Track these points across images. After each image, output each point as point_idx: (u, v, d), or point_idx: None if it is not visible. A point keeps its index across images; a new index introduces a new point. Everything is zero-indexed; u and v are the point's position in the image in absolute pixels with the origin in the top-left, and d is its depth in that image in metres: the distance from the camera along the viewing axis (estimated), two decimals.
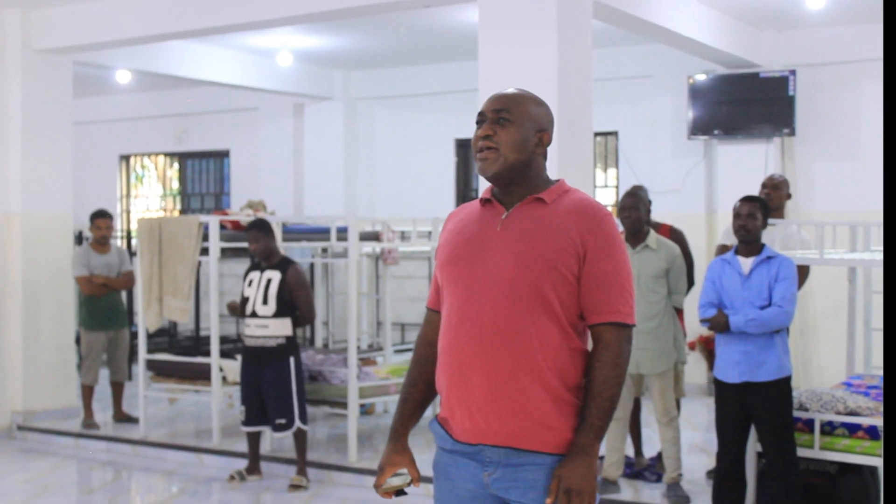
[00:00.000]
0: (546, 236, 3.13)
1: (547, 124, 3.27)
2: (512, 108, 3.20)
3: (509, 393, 3.09)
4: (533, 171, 3.24)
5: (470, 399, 3.16)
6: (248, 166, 14.84)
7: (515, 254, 3.13)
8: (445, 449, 3.31)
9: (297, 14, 8.83)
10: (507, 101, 3.22)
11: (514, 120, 3.19)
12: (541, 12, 7.34)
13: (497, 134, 3.19)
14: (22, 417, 9.89)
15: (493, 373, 3.11)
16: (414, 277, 13.43)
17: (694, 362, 10.69)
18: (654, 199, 8.09)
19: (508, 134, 3.18)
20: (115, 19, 9.65)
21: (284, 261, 7.90)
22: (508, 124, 3.19)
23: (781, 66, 10.85)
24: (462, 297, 3.20)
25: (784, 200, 8.06)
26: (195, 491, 8.04)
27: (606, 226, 3.15)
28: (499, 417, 3.10)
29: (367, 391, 8.53)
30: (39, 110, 10.05)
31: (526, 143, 3.20)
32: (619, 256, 3.15)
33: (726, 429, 6.28)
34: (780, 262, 6.14)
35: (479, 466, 3.19)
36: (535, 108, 3.26)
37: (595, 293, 3.12)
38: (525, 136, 3.20)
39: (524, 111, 3.22)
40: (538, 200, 3.20)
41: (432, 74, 13.35)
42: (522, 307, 3.10)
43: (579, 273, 3.12)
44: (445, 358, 3.23)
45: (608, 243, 3.14)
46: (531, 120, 3.22)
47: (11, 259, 9.92)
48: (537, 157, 3.25)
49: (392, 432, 3.46)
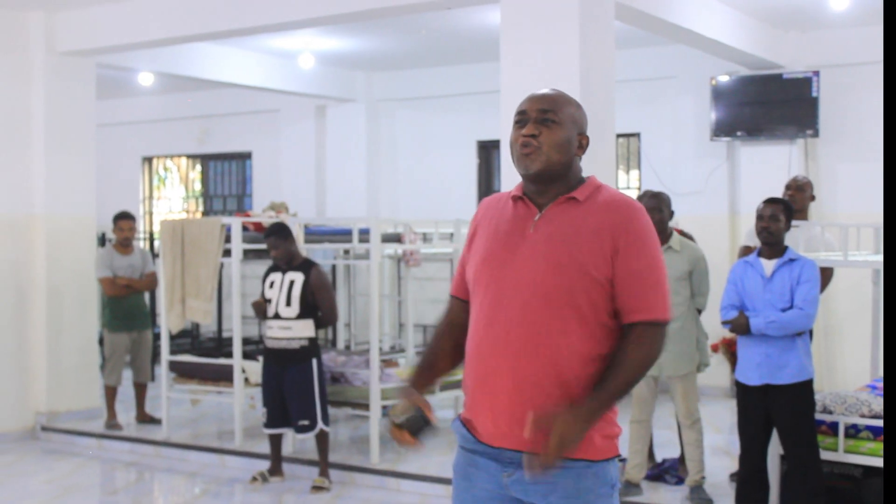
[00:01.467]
0: (579, 239, 3.11)
1: (585, 128, 3.29)
2: (557, 109, 3.21)
3: (532, 399, 3.07)
4: (571, 173, 3.24)
5: (494, 403, 3.14)
6: (270, 168, 14.87)
7: (547, 258, 3.11)
8: (466, 448, 3.29)
9: (319, 16, 8.84)
10: (552, 103, 3.22)
11: (560, 121, 3.20)
12: (563, 13, 7.32)
13: (542, 134, 3.18)
14: (45, 418, 9.93)
15: (517, 379, 3.09)
16: (436, 279, 13.41)
17: (717, 364, 10.65)
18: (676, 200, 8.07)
19: (553, 134, 3.18)
20: (138, 22, 9.68)
21: (307, 262, 7.90)
22: (554, 125, 3.19)
23: (805, 67, 10.80)
24: (491, 299, 3.18)
25: (808, 202, 8.03)
26: (217, 492, 8.06)
27: (638, 221, 3.14)
28: (521, 423, 3.06)
29: (390, 393, 8.52)
30: (63, 112, 10.10)
31: (570, 144, 3.21)
32: (651, 252, 3.14)
33: (748, 431, 6.26)
34: (802, 264, 6.11)
35: (500, 467, 3.18)
36: (577, 111, 3.28)
37: (629, 292, 3.10)
38: (569, 138, 3.21)
39: (568, 113, 3.23)
40: (571, 200, 3.19)
41: (454, 76, 13.34)
42: (551, 313, 3.09)
43: (612, 274, 3.10)
44: (472, 360, 3.23)
45: (640, 240, 3.12)
46: (574, 122, 3.24)
47: (35, 261, 9.97)
48: (576, 159, 3.26)
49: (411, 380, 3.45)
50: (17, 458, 9.15)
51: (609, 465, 3.14)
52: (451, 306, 3.46)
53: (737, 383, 6.30)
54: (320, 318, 7.87)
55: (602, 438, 3.12)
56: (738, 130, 11.07)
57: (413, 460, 8.38)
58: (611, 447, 3.15)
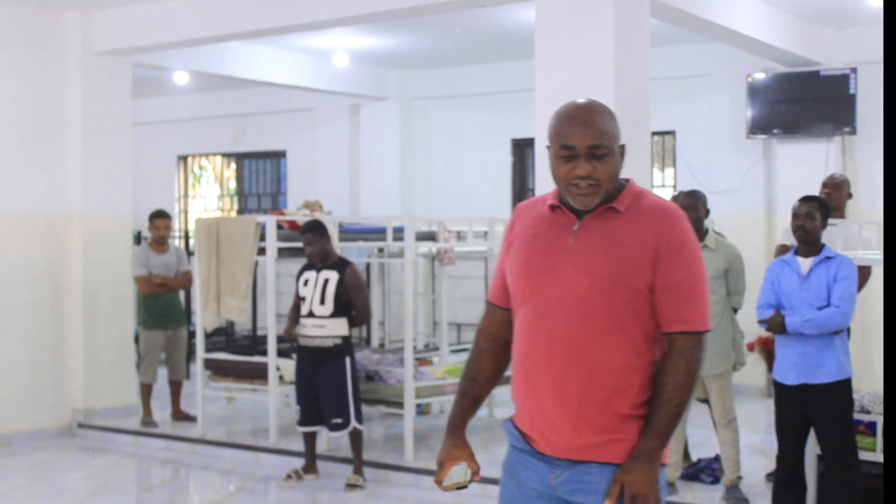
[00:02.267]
0: (619, 251, 3.07)
1: (620, 134, 3.20)
2: (605, 140, 3.10)
3: (578, 412, 3.08)
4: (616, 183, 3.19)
5: (541, 415, 3.16)
6: (304, 166, 14.91)
7: (589, 272, 3.07)
8: (517, 448, 3.30)
9: (354, 14, 8.84)
10: (599, 134, 3.10)
11: (610, 152, 3.11)
12: (598, 11, 7.29)
13: (597, 170, 3.10)
14: (82, 415, 9.99)
15: (563, 393, 3.09)
16: (470, 277, 13.41)
17: (753, 363, 10.59)
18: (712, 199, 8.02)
19: (607, 167, 3.11)
20: (174, 21, 9.72)
21: (341, 261, 7.91)
22: (606, 157, 3.10)
23: (842, 64, 10.71)
24: (534, 312, 3.16)
25: (845, 200, 7.96)
26: (252, 489, 8.08)
27: (678, 230, 3.10)
28: (567, 436, 3.10)
29: (424, 391, 8.53)
30: (99, 112, 10.15)
31: (619, 169, 3.16)
32: (690, 261, 3.10)
33: (786, 431, 6.21)
34: (839, 262, 6.06)
35: (548, 468, 3.18)
36: (614, 125, 3.17)
37: (667, 302, 3.07)
38: (619, 163, 3.16)
39: (613, 136, 3.13)
40: (611, 210, 3.14)
41: (488, 74, 13.33)
42: (595, 326, 3.07)
43: (653, 282, 3.07)
44: (519, 370, 3.22)
45: (679, 248, 3.08)
46: (617, 141, 3.16)
47: (72, 259, 10.03)
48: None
49: (450, 426, 3.45)
50: (54, 454, 9.21)
51: (663, 470, 3.14)
52: (491, 315, 3.41)
53: (774, 383, 6.26)
54: (354, 317, 7.87)
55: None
56: (774, 128, 10.99)
57: None
58: (665, 451, 3.13)
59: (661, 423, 3.03)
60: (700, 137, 11.95)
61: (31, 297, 9.80)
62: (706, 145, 11.84)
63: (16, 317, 9.69)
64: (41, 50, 9.90)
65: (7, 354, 9.61)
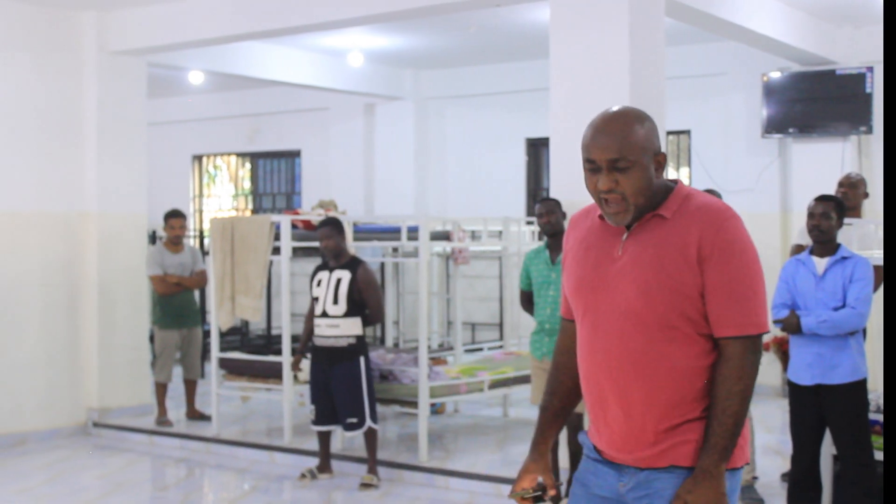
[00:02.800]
0: (666, 258, 3.01)
1: (658, 141, 3.07)
2: (626, 152, 2.98)
3: (644, 423, 3.06)
4: (656, 192, 3.07)
5: (608, 426, 3.15)
6: (319, 166, 14.92)
7: (638, 283, 3.03)
8: (590, 457, 3.28)
9: (368, 14, 8.85)
10: (619, 147, 2.99)
11: (633, 164, 2.99)
12: (613, 10, 7.28)
13: (620, 184, 3.01)
14: (97, 414, 10.02)
15: (625, 405, 3.08)
16: (484, 277, 13.41)
17: (768, 363, 10.56)
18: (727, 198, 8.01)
19: (632, 180, 3.00)
20: (189, 21, 9.74)
21: (354, 260, 7.92)
22: (629, 170, 3.00)
23: (859, 63, 10.67)
24: (590, 326, 3.15)
25: (861, 199, 7.93)
26: (267, 488, 8.09)
27: (726, 230, 2.99)
28: (634, 447, 3.09)
29: (438, 391, 8.52)
30: (115, 111, 10.18)
31: (649, 179, 3.03)
32: (739, 260, 2.99)
33: (801, 431, 6.19)
34: (855, 262, 6.03)
35: (617, 475, 3.16)
36: (644, 134, 3.03)
37: (714, 305, 3.01)
38: (648, 175, 3.02)
39: (638, 147, 3.00)
40: (657, 217, 3.07)
41: (503, 73, 13.32)
42: (649, 337, 3.03)
43: (702, 285, 3.01)
44: (584, 382, 3.22)
45: (725, 248, 2.99)
46: (646, 152, 3.02)
47: (87, 258, 10.06)
48: (658, 182, 3.07)
49: (532, 441, 3.45)
50: (69, 453, 9.24)
51: (730, 476, 3.07)
52: (563, 329, 3.41)
53: (789, 383, 6.23)
54: (367, 316, 7.87)
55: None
56: (790, 127, 10.96)
57: (462, 458, 8.37)
58: (738, 455, 3.09)
59: (717, 436, 2.98)
60: (715, 137, 11.92)
61: (46, 297, 9.82)
62: (721, 144, 11.81)
63: (31, 316, 9.72)
64: (57, 50, 9.93)
65: (23, 354, 9.64)
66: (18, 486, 8.11)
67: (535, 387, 7.16)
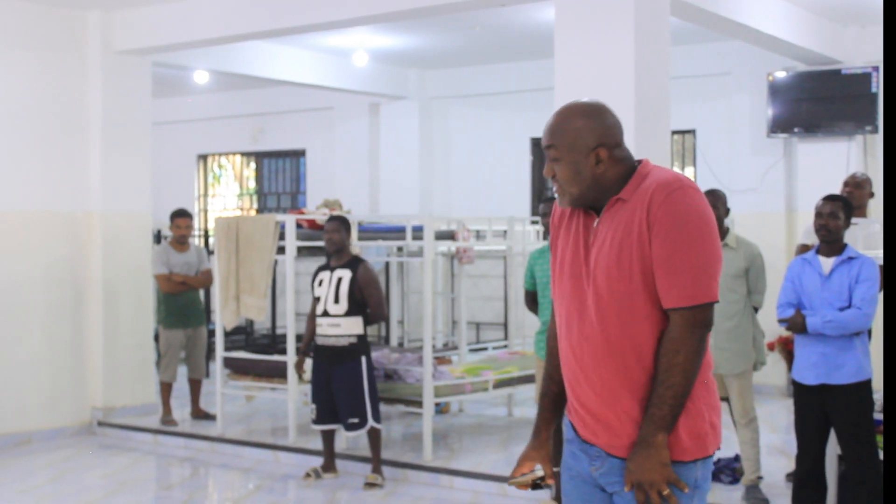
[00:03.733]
0: (625, 242, 3.07)
1: (599, 138, 3.14)
2: (557, 142, 3.16)
3: (611, 407, 3.13)
4: (608, 183, 3.15)
5: (581, 408, 3.23)
6: (324, 165, 14.92)
7: (602, 268, 3.11)
8: (568, 438, 3.35)
9: (373, 14, 8.85)
10: (552, 135, 3.18)
11: (561, 157, 3.16)
12: (618, 10, 7.27)
13: (556, 173, 3.19)
14: (102, 413, 10.02)
15: (597, 388, 3.15)
16: (489, 276, 13.40)
17: (773, 363, 10.55)
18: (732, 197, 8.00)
19: (561, 171, 3.17)
20: (194, 20, 9.74)
21: (355, 259, 7.93)
22: (558, 162, 3.17)
23: (864, 63, 10.65)
24: (564, 313, 3.25)
25: (867, 199, 7.92)
26: (271, 488, 8.09)
27: (671, 201, 3.02)
28: (603, 430, 3.16)
29: (442, 390, 8.52)
30: (119, 111, 10.18)
31: (580, 172, 3.14)
32: (680, 232, 3.01)
33: (805, 431, 6.18)
34: (861, 262, 6.02)
35: (588, 460, 3.23)
36: (579, 130, 3.14)
37: (659, 276, 3.04)
38: (576, 168, 3.14)
39: (566, 142, 3.14)
40: (619, 201, 3.14)
41: (508, 73, 13.31)
42: (615, 321, 3.09)
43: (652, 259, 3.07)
44: (562, 365, 3.29)
45: (669, 219, 3.01)
46: (576, 148, 3.14)
47: (92, 258, 10.06)
48: (606, 172, 3.14)
49: (533, 428, 3.49)
50: (74, 452, 9.25)
51: (694, 465, 3.11)
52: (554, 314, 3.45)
53: (794, 383, 6.23)
54: (369, 315, 7.88)
55: (690, 437, 3.10)
56: (795, 127, 10.94)
57: (466, 458, 8.37)
58: (699, 447, 3.11)
59: (655, 407, 3.02)
60: (720, 136, 11.91)
61: (51, 296, 9.83)
62: (727, 144, 11.80)
63: (36, 315, 9.73)
64: (62, 49, 9.94)
65: (27, 353, 9.65)
66: (23, 485, 8.12)
67: (539, 386, 7.15)
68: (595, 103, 3.24)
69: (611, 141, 3.16)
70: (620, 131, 3.21)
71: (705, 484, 3.15)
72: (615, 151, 3.16)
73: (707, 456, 3.13)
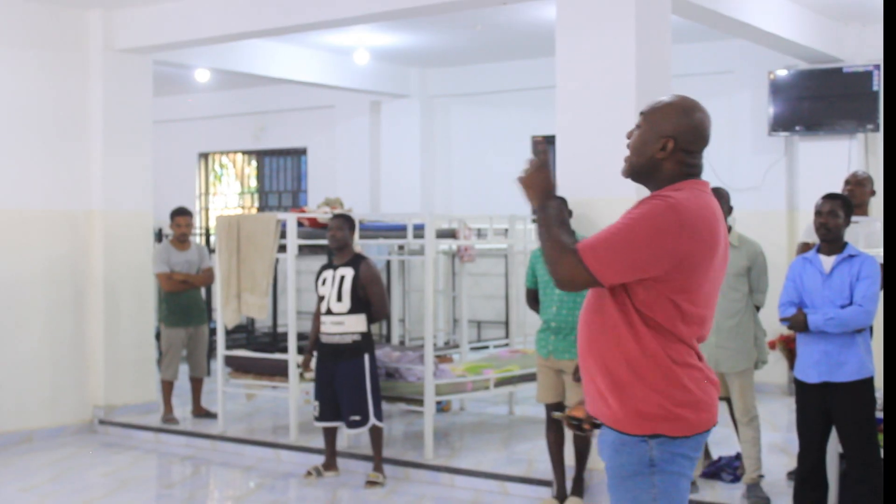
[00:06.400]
0: None
1: (675, 131, 3.39)
2: (648, 113, 3.44)
3: (589, 384, 3.50)
4: (661, 176, 3.42)
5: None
6: (325, 164, 14.92)
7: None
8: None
9: (375, 12, 8.85)
10: (649, 107, 3.46)
11: (642, 125, 3.43)
12: (619, 8, 7.28)
13: (630, 138, 3.47)
14: (103, 412, 10.02)
15: (583, 370, 3.53)
16: (490, 275, 13.40)
17: (774, 361, 10.55)
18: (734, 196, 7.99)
19: (634, 138, 3.45)
20: (195, 19, 9.74)
21: (357, 257, 7.93)
22: (637, 129, 3.44)
23: (865, 61, 10.64)
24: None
25: (868, 197, 7.91)
26: (272, 486, 8.09)
27: (640, 204, 3.30)
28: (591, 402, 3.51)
29: (443, 388, 8.52)
30: (120, 109, 10.18)
31: (645, 146, 3.41)
32: (626, 216, 3.29)
33: (807, 429, 6.18)
34: (862, 260, 6.02)
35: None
36: (667, 116, 3.41)
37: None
38: (646, 140, 3.41)
39: (654, 118, 3.42)
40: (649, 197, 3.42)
41: (509, 71, 13.31)
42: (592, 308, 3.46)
43: None
44: None
45: (632, 209, 3.32)
46: (656, 126, 3.40)
47: (93, 256, 10.06)
48: (664, 163, 3.41)
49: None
50: (75, 451, 9.25)
51: (644, 443, 3.35)
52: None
53: (795, 381, 6.22)
54: (372, 312, 7.88)
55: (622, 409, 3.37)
56: (796, 125, 10.94)
57: (467, 456, 8.37)
58: (636, 424, 3.35)
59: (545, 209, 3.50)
60: (722, 134, 11.81)
61: (52, 295, 9.83)
62: (728, 142, 11.77)
63: (37, 314, 9.73)
64: (63, 48, 9.93)
65: (28, 351, 9.65)
66: (24, 483, 8.12)
67: (540, 385, 7.15)
68: (693, 104, 3.50)
69: (683, 141, 3.41)
70: (700, 138, 3.46)
71: (668, 465, 3.34)
72: (681, 153, 3.41)
73: (658, 435, 3.34)
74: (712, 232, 3.36)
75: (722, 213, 3.48)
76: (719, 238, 3.40)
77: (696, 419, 3.36)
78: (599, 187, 7.22)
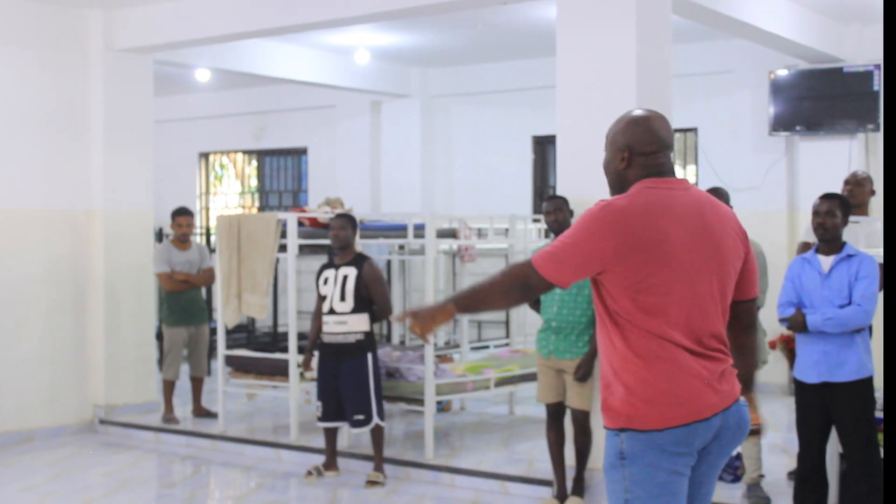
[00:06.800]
0: None
1: (630, 141, 3.60)
2: (607, 136, 3.70)
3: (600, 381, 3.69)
4: (629, 183, 3.61)
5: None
6: (325, 163, 14.92)
7: None
8: None
9: (375, 11, 8.85)
10: (608, 131, 3.70)
11: (606, 149, 3.70)
12: (619, 8, 7.28)
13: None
14: (104, 412, 10.03)
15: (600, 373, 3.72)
16: None
17: (774, 361, 10.53)
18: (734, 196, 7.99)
19: (603, 162, 3.74)
20: (195, 18, 9.74)
21: (359, 257, 7.93)
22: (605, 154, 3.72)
23: (866, 61, 10.64)
24: None
25: (868, 197, 7.91)
26: (273, 486, 8.10)
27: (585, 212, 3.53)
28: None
29: (444, 388, 8.52)
30: (121, 109, 10.18)
31: (610, 164, 3.69)
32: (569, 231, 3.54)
33: (807, 429, 6.18)
34: (860, 260, 6.03)
35: None
36: (620, 131, 3.64)
37: None
38: (610, 160, 3.69)
39: (611, 138, 3.67)
40: None
41: (510, 71, 13.31)
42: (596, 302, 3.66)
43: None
44: None
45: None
46: (615, 143, 3.65)
47: (94, 256, 10.07)
48: (628, 172, 3.62)
49: None
50: (75, 450, 9.25)
51: (617, 436, 3.51)
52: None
53: (795, 381, 6.23)
54: (375, 312, 7.88)
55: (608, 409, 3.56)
56: (797, 125, 10.94)
57: (468, 456, 8.37)
58: (609, 417, 3.54)
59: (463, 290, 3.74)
60: (722, 134, 11.90)
61: (52, 294, 9.83)
62: (728, 142, 11.79)
63: (38, 313, 9.73)
64: (64, 48, 9.93)
65: (29, 351, 9.65)
66: (24, 483, 8.12)
67: (541, 384, 7.15)
68: (641, 113, 3.68)
69: (639, 145, 3.61)
70: (654, 139, 3.60)
71: (638, 458, 3.45)
72: (640, 157, 3.61)
73: (628, 429, 3.47)
74: (654, 225, 3.44)
75: (695, 205, 3.58)
76: (667, 229, 3.45)
77: (665, 413, 3.43)
78: (599, 187, 7.20)
